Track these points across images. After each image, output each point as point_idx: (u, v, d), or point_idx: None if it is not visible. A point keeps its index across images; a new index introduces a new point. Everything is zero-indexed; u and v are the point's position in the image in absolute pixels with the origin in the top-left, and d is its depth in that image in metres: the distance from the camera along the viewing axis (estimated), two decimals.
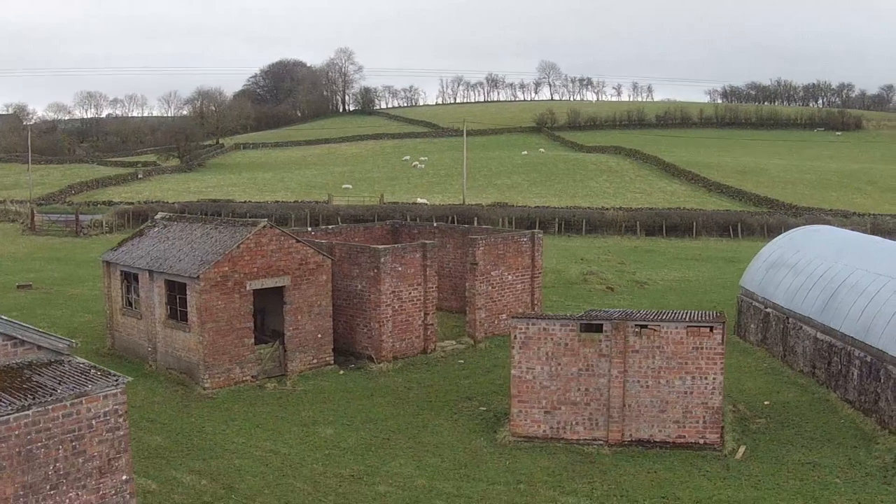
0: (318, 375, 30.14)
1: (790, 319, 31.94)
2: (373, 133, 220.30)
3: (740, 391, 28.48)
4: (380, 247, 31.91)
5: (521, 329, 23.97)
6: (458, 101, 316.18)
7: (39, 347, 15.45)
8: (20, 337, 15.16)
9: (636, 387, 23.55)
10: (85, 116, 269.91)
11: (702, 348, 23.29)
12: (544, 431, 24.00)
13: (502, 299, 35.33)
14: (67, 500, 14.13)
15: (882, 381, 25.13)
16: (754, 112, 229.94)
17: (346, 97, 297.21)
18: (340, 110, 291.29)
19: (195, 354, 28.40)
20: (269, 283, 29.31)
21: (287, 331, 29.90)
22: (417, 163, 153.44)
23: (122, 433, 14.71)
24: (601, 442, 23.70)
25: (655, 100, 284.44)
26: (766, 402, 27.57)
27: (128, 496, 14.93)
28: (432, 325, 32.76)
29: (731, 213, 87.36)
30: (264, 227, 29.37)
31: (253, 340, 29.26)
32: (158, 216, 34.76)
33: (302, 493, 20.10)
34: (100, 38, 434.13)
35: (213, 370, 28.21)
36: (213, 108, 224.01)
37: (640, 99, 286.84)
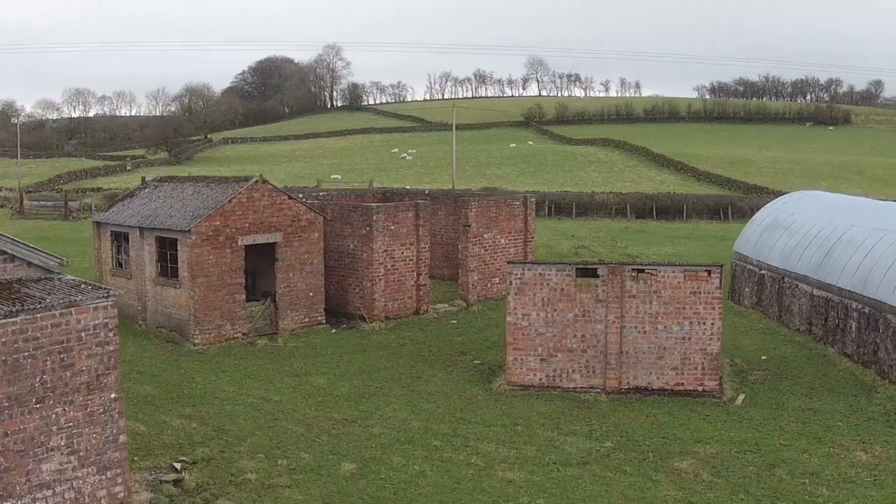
0: (310, 333, 29.74)
1: (785, 279, 31.69)
2: (361, 127, 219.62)
3: (737, 348, 28.18)
4: (372, 205, 31.55)
5: (516, 274, 23.64)
6: (445, 96, 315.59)
7: (30, 264, 14.98)
8: (10, 252, 14.70)
9: (633, 333, 23.24)
10: (73, 114, 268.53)
11: (700, 293, 23.00)
12: (540, 380, 23.66)
13: (495, 262, 34.96)
14: (54, 416, 13.70)
15: (881, 331, 24.87)
16: (742, 107, 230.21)
17: (334, 93, 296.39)
18: (328, 106, 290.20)
19: (185, 310, 27.96)
20: (261, 238, 28.90)
21: (278, 288, 29.49)
22: (406, 155, 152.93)
23: (111, 349, 14.29)
24: (598, 390, 23.38)
25: (643, 95, 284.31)
26: (763, 357, 27.31)
27: (116, 415, 14.51)
28: (425, 285, 32.40)
29: (722, 196, 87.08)
30: (256, 181, 28.98)
31: (244, 297, 28.85)
32: (150, 178, 34.32)
33: (294, 434, 19.72)
34: (99, 38, 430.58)
35: (203, 326, 27.78)
36: (202, 104, 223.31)
37: (628, 95, 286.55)
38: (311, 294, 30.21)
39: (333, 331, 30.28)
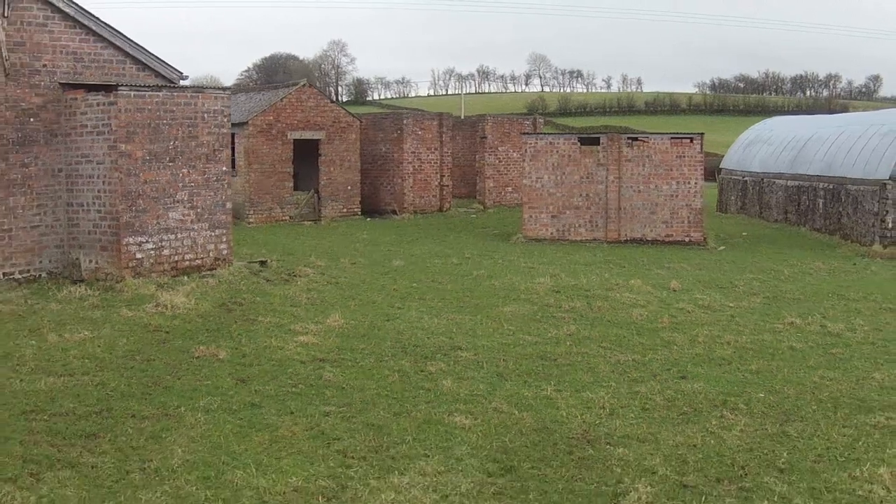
0: (348, 220, 34.02)
1: (764, 180, 35.93)
2: None
3: (721, 230, 32.32)
4: (403, 110, 35.77)
5: (530, 143, 27.87)
6: (449, 92, 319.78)
7: (157, 74, 19.13)
8: (144, 61, 18.82)
9: (629, 191, 27.45)
10: None
11: (684, 157, 27.24)
12: (551, 234, 27.87)
13: (508, 173, 39.20)
14: (181, 175, 17.87)
15: (842, 200, 29.08)
16: (742, 100, 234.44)
17: (339, 88, 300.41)
18: (334, 101, 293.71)
19: (241, 195, 32.10)
20: (308, 135, 33.13)
21: (321, 180, 33.70)
22: None
23: (224, 131, 18.50)
24: (601, 240, 27.59)
25: (645, 91, 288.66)
26: (743, 234, 31.49)
27: (225, 185, 18.70)
28: (447, 185, 36.65)
29: (718, 157, 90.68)
30: (304, 85, 33.27)
31: (292, 185, 33.07)
32: None
33: (348, 253, 23.90)
34: None
35: (257, 207, 31.99)
36: None
37: (630, 90, 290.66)
38: (349, 188, 34.44)
39: (368, 219, 34.55)
